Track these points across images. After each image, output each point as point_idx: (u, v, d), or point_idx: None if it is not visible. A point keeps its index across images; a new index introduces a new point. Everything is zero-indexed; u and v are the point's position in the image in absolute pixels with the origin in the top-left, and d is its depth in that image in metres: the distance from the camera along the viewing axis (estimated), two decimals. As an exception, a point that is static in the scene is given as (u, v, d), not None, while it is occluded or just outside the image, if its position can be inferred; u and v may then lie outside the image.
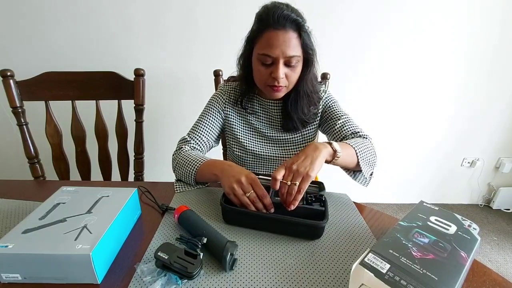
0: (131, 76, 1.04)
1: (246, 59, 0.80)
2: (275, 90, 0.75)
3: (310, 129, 0.89)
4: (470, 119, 1.89)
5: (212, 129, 0.87)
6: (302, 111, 0.82)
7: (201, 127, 0.85)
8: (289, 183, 0.56)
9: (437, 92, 1.80)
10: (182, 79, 1.62)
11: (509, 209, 2.12)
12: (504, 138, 1.98)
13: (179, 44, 1.54)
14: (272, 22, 0.69)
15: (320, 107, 0.88)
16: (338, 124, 0.83)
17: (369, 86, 1.75)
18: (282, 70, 0.72)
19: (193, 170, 0.74)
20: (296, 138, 0.89)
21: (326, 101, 0.88)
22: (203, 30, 1.52)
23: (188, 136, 0.85)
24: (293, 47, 0.70)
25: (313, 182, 0.73)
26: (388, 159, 1.97)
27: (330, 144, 0.64)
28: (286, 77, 0.74)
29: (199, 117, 0.89)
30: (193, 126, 0.87)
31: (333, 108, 0.87)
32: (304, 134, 0.89)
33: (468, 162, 2.04)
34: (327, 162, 0.63)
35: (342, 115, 0.84)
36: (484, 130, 1.94)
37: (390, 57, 1.68)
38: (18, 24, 1.44)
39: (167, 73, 1.59)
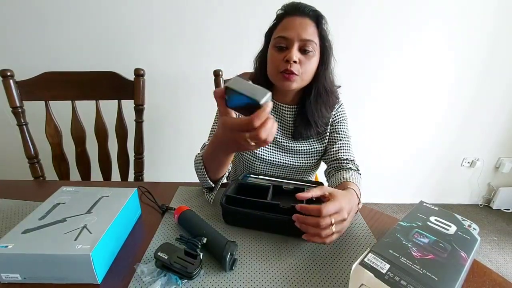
0: (131, 76, 1.04)
1: (262, 55, 0.79)
2: (287, 78, 0.71)
3: (319, 145, 0.85)
4: (470, 119, 1.89)
5: None
6: (321, 110, 0.79)
7: None
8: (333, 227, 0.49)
9: (437, 93, 1.79)
10: (182, 79, 1.62)
11: (509, 209, 2.12)
12: (504, 138, 1.98)
13: (179, 44, 1.54)
14: (291, 10, 0.72)
15: (331, 117, 0.85)
16: (336, 146, 0.82)
17: (370, 87, 1.75)
18: (296, 53, 0.69)
19: (200, 162, 0.67)
20: (305, 149, 0.85)
21: (338, 115, 0.86)
22: (203, 30, 1.52)
23: (208, 141, 0.83)
24: (310, 33, 0.70)
25: (312, 182, 0.74)
26: (388, 159, 1.97)
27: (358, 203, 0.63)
28: (300, 64, 0.71)
29: (216, 119, 0.85)
30: (211, 130, 0.85)
31: (340, 125, 0.85)
32: (313, 146, 0.85)
33: (468, 162, 2.04)
34: None
35: (344, 137, 0.84)
36: (484, 130, 1.94)
37: (390, 58, 1.68)
38: (18, 24, 1.44)
39: (167, 73, 1.59)
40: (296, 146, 0.85)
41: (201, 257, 0.48)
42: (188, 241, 0.50)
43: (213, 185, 0.69)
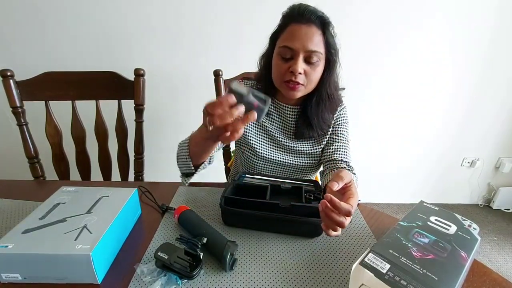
0: (131, 76, 1.04)
1: (267, 57, 0.78)
2: (292, 88, 0.71)
3: (319, 146, 0.85)
4: (470, 119, 1.89)
5: None
6: (322, 115, 0.79)
7: None
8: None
9: (437, 92, 1.79)
10: (182, 79, 1.62)
11: (509, 209, 2.12)
12: (504, 138, 1.98)
13: (179, 44, 1.54)
14: (297, 15, 0.69)
15: (333, 119, 0.85)
16: (333, 147, 0.82)
17: (370, 87, 1.75)
18: (301, 64, 0.69)
19: (185, 145, 0.70)
20: (306, 149, 0.85)
21: (339, 117, 0.85)
22: (203, 30, 1.52)
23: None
24: (316, 43, 0.68)
25: (308, 181, 0.74)
26: (389, 159, 1.97)
27: None
28: (305, 75, 0.71)
29: None
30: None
31: (339, 127, 0.85)
32: (314, 147, 0.85)
33: (468, 162, 2.04)
34: None
35: (342, 139, 0.83)
36: (484, 130, 1.94)
37: (390, 58, 1.68)
38: (18, 24, 1.44)
39: (167, 73, 1.59)
40: (298, 146, 0.85)
41: (201, 257, 0.48)
42: (188, 241, 0.50)
43: (194, 170, 0.71)
